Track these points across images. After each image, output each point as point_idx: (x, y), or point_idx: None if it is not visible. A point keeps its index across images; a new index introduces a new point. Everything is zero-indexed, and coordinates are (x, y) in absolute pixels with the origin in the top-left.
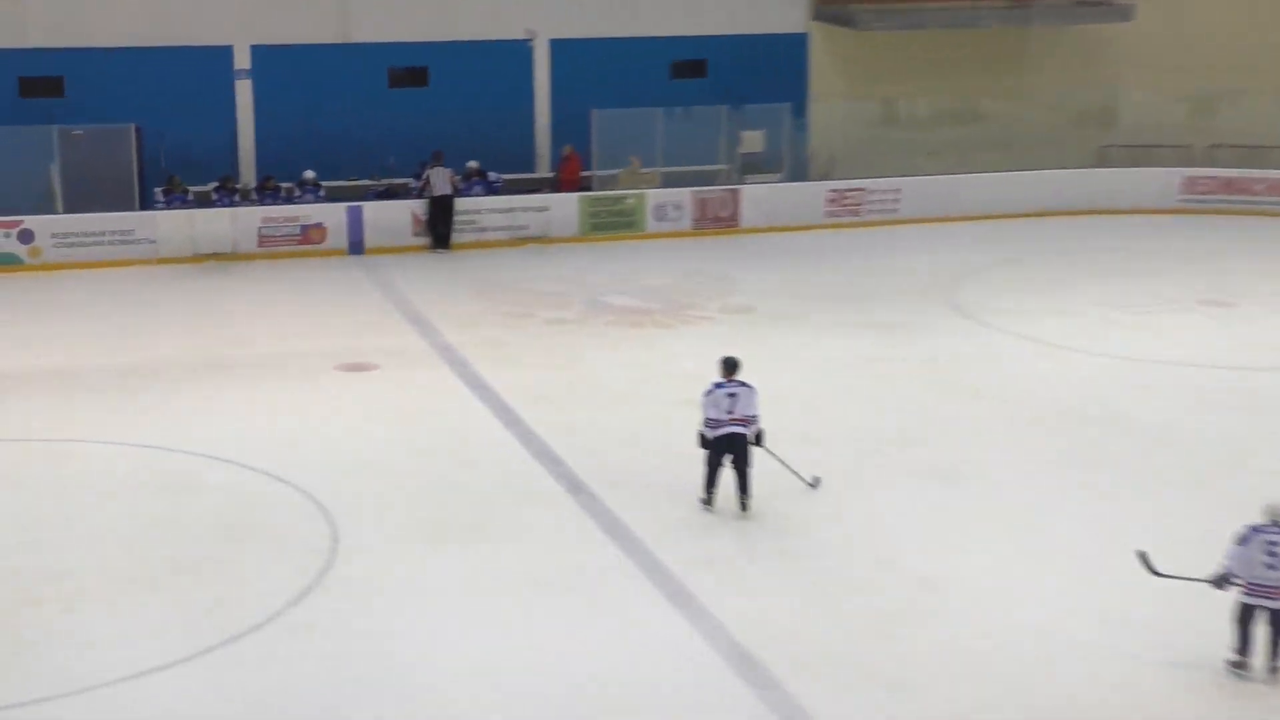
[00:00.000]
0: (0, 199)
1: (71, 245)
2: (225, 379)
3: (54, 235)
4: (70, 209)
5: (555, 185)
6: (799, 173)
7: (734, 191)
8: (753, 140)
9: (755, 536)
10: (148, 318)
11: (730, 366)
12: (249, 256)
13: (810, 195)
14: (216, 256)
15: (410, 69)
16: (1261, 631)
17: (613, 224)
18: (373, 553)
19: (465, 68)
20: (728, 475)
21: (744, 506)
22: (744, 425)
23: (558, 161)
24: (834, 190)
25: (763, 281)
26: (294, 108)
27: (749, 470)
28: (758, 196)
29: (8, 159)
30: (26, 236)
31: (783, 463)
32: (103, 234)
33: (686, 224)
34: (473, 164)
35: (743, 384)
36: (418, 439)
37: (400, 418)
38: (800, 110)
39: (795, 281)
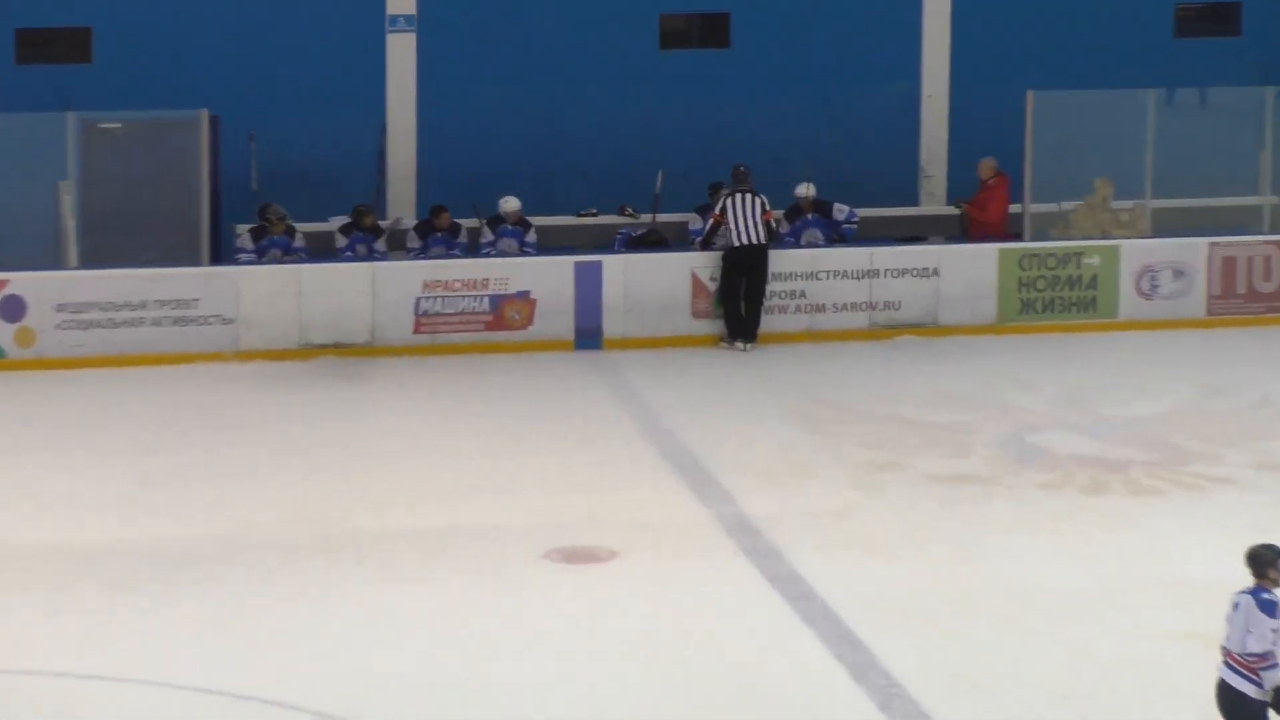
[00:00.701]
0: None
1: (88, 326)
2: (351, 570)
3: (61, 307)
4: (91, 260)
5: (962, 229)
6: None
7: None
8: None
9: None
10: (217, 456)
11: (1261, 563)
12: (399, 350)
13: None
14: (341, 349)
15: (699, 19)
16: None
17: (1058, 302)
18: None
19: (794, 19)
20: None
21: None
22: (1244, 672)
23: (969, 189)
24: None
25: None
26: (487, 86)
27: None
28: None
29: None
30: (14, 309)
31: None
32: (143, 305)
33: (1196, 304)
34: (805, 190)
35: (1259, 592)
36: (685, 687)
37: (656, 648)
38: None
39: None
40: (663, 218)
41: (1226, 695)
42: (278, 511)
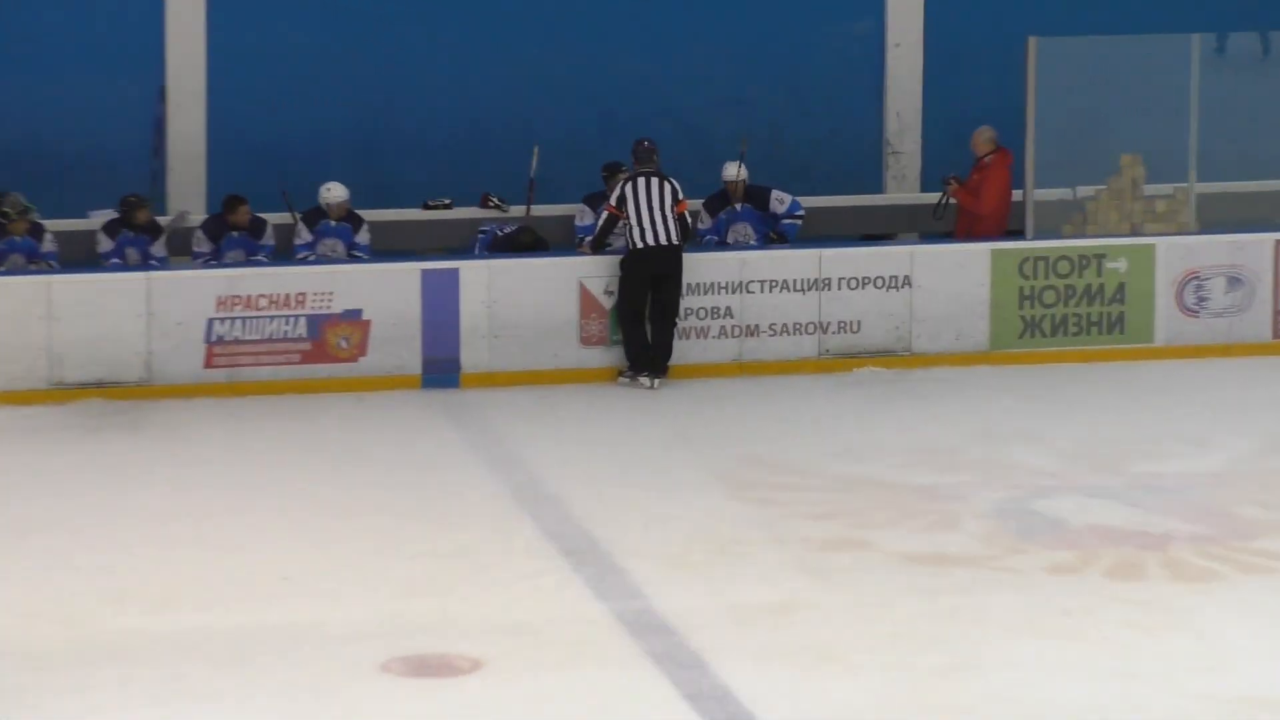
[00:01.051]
0: None
1: None
2: (121, 689)
3: None
4: None
5: (937, 217)
6: None
7: None
8: None
9: None
10: None
11: None
12: (185, 390)
13: None
14: (106, 389)
15: None
16: None
17: (1073, 321)
18: None
19: None
20: None
21: None
22: None
23: (950, 169)
24: None
25: None
26: (303, 37)
27: None
28: None
29: None
30: None
31: None
32: None
33: (1259, 322)
34: (733, 171)
35: None
36: None
37: None
38: None
39: None
40: (540, 210)
41: None
42: (21, 612)
